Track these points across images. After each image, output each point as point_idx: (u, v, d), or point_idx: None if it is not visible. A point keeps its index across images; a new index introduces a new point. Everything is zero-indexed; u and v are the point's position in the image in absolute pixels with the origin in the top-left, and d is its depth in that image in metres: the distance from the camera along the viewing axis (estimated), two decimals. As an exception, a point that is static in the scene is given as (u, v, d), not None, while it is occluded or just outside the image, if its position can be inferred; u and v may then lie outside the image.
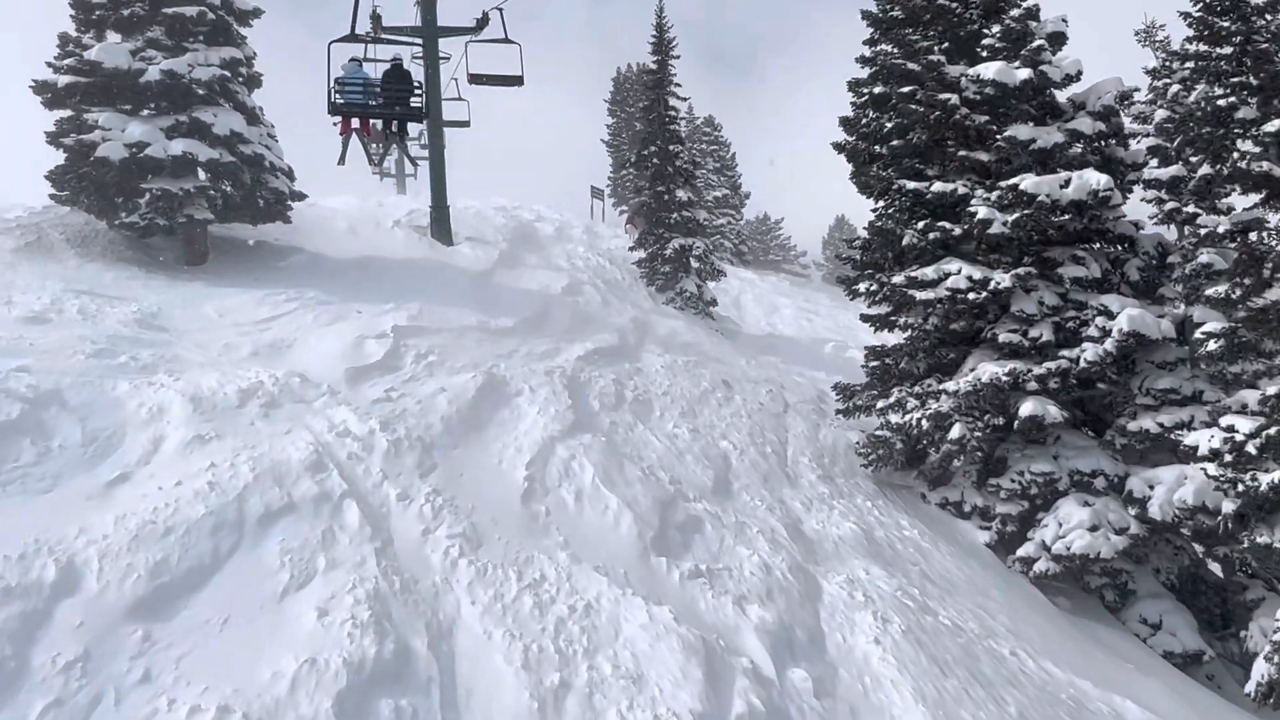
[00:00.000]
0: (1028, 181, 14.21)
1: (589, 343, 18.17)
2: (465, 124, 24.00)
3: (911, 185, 15.56)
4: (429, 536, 8.88)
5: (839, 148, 17.54)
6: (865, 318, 17.08)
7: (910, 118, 15.71)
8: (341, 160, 23.00)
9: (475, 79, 21.23)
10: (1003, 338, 14.48)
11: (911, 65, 16.06)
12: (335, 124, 21.07)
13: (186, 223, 18.60)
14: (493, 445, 11.58)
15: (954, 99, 15.25)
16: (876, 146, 16.88)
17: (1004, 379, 13.85)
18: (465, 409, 12.24)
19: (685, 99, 26.99)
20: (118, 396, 9.76)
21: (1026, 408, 13.62)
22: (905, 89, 15.82)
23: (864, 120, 16.95)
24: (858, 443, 16.58)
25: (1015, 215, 14.23)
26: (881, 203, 16.24)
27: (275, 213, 20.49)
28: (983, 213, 14.35)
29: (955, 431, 14.09)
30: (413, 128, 27.03)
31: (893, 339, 17.10)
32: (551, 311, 20.27)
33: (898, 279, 15.21)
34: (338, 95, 19.38)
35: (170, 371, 11.00)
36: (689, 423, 15.43)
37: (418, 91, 20.33)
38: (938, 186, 15.31)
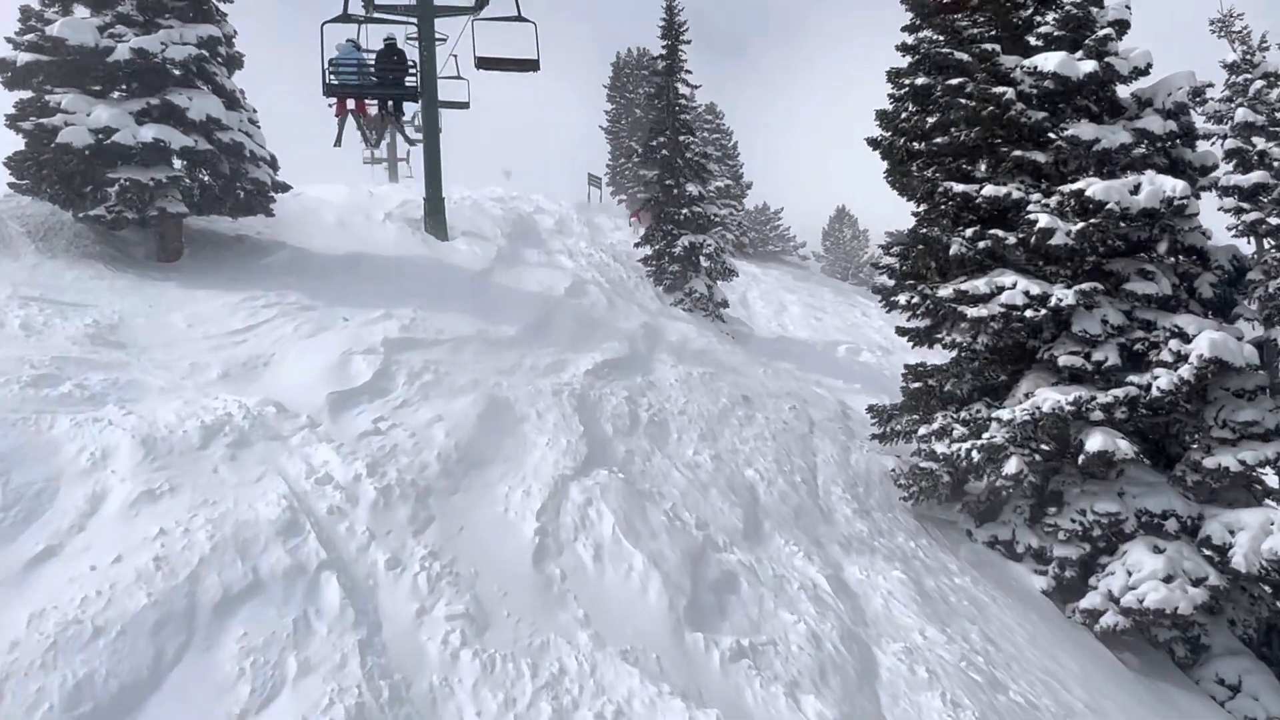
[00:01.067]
0: (1095, 187, 12.71)
1: (597, 353, 16.64)
2: (464, 105, 22.40)
3: (959, 188, 14.07)
4: (424, 618, 7.35)
5: (874, 144, 16.02)
6: (903, 331, 15.59)
7: (959, 113, 14.17)
8: (338, 142, 22.04)
9: (484, 63, 19.33)
10: (1063, 360, 13.01)
11: (960, 55, 14.52)
12: (330, 105, 20.15)
13: (158, 216, 16.99)
14: (497, 487, 10.06)
15: (1009, 93, 13.72)
16: (916, 143, 15.38)
17: (1067, 408, 12.37)
18: (465, 441, 10.71)
19: (696, 86, 25.38)
20: (54, 438, 8.19)
21: (1095, 442, 12.16)
22: (954, 81, 14.28)
23: (903, 114, 15.40)
24: (893, 470, 15.13)
25: (1080, 225, 12.70)
26: (924, 206, 14.73)
27: (257, 205, 18.90)
28: (1044, 221, 12.85)
29: (1011, 466, 12.62)
30: (410, 110, 25.76)
31: (933, 356, 15.61)
32: (555, 316, 18.71)
33: (944, 292, 13.72)
34: (332, 76, 18.20)
35: (123, 402, 9.43)
36: (710, 447, 13.93)
37: (412, 71, 19.09)
38: (989, 190, 13.80)
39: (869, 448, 16.36)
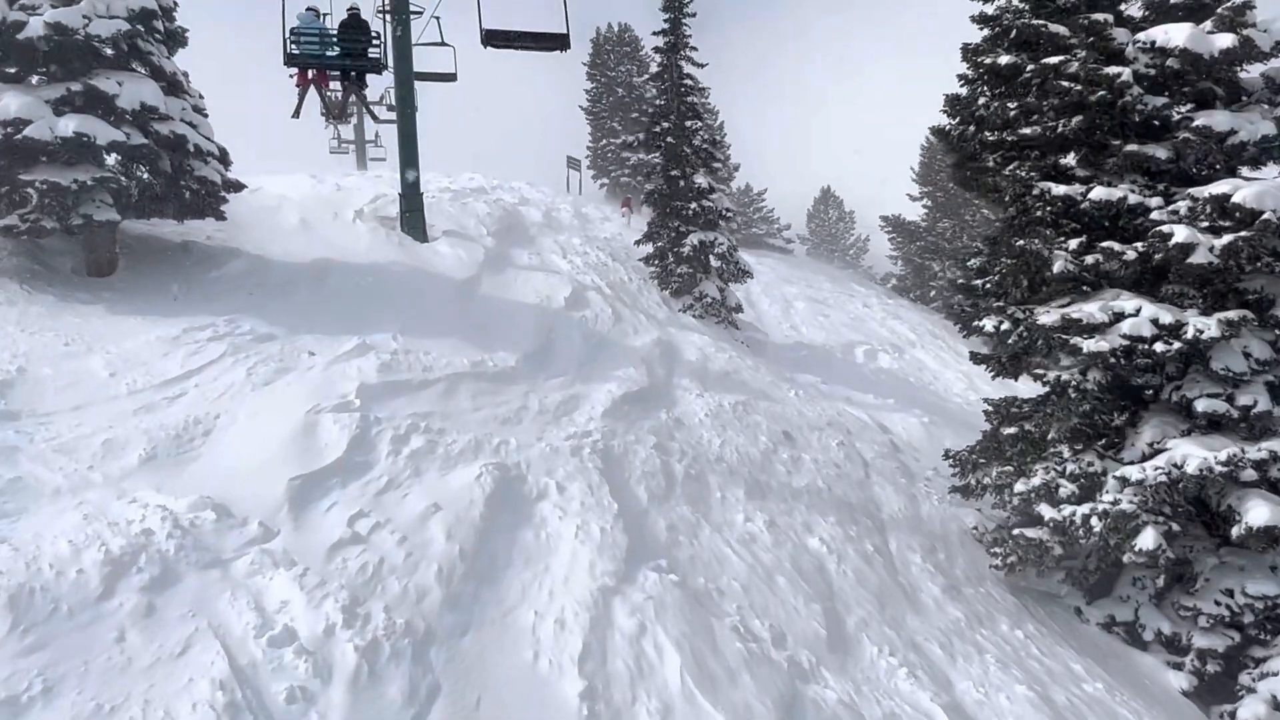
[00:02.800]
0: (1246, 191, 10.25)
1: (611, 383, 14.04)
2: (450, 77, 19.53)
3: (1060, 189, 11.53)
4: None
5: (940, 134, 13.49)
6: (981, 360, 13.08)
7: (1058, 98, 11.63)
8: (296, 114, 19.31)
9: (492, 38, 16.05)
10: (1202, 405, 10.55)
11: (1056, 27, 11.96)
12: (291, 76, 17.89)
13: (84, 225, 14.14)
14: (520, 613, 7.48)
15: (1125, 74, 11.18)
16: (993, 133, 12.84)
17: (1218, 468, 9.93)
18: (472, 543, 8.11)
19: (703, 65, 22.66)
20: None
21: (1260, 514, 9.74)
22: (1052, 59, 11.73)
23: (980, 100, 12.83)
24: (975, 528, 12.69)
25: (1228, 239, 10.22)
26: (1013, 210, 12.20)
27: (205, 207, 16.12)
28: (1181, 234, 10.35)
29: (1147, 540, 10.15)
30: (381, 86, 24.75)
31: (1022, 388, 13.17)
32: (557, 335, 16.07)
33: (1047, 318, 11.19)
34: (293, 46, 16.41)
35: (-6, 521, 6.72)
36: (761, 509, 11.41)
37: (376, 42, 17.09)
38: (1099, 193, 11.31)
39: (937, 494, 13.92)
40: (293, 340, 12.78)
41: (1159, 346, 10.50)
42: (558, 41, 16.38)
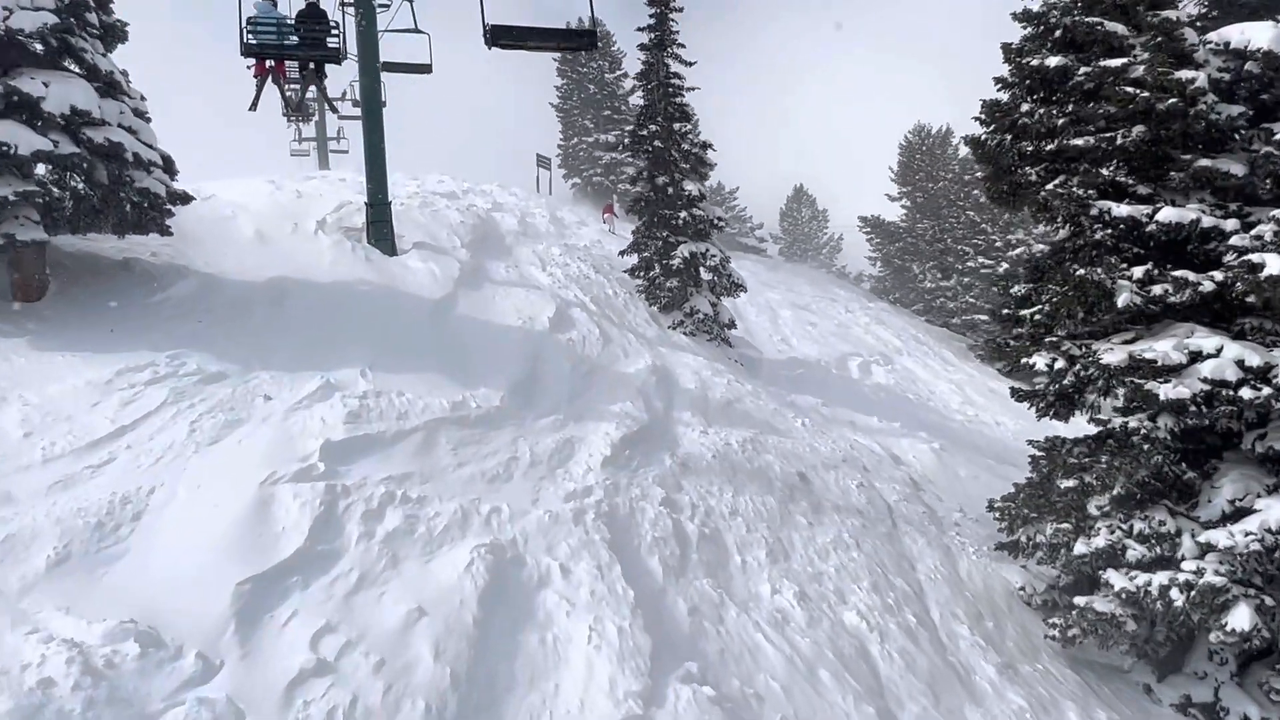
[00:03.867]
0: (1349, 216, 8.88)
1: (607, 422, 12.55)
2: (425, 69, 17.82)
3: (1123, 210, 10.17)
4: None
5: (976, 144, 12.10)
6: (1023, 397, 11.71)
7: (1119, 105, 10.26)
8: (254, 106, 18.08)
9: (499, 36, 14.14)
10: (1294, 459, 9.23)
11: (1114, 26, 10.60)
12: (249, 67, 16.92)
13: (4, 245, 12.40)
14: (530, 762, 5.93)
15: (1200, 79, 9.83)
16: (1033, 143, 11.48)
17: (1323, 536, 8.61)
18: (466, 661, 6.61)
19: (691, 63, 21.14)
20: None
21: (1377, 593, 8.40)
22: (1113, 62, 10.36)
23: (1022, 106, 11.45)
24: (1022, 589, 11.33)
25: (1329, 270, 8.89)
26: (1065, 231, 10.84)
27: (147, 222, 14.40)
28: (1275, 265, 9.00)
29: (1241, 619, 8.80)
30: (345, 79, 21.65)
31: (1064, 428, 11.84)
32: (544, 363, 14.54)
33: (1112, 357, 9.83)
34: (250, 36, 15.32)
35: None
36: (788, 577, 9.99)
37: (335, 32, 16.03)
38: (1169, 214, 9.97)
39: (971, 543, 12.56)
40: (246, 380, 11.16)
41: (1245, 393, 9.17)
42: (582, 40, 15.62)
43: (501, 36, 13.70)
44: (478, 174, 31.33)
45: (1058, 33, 11.24)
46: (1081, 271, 10.11)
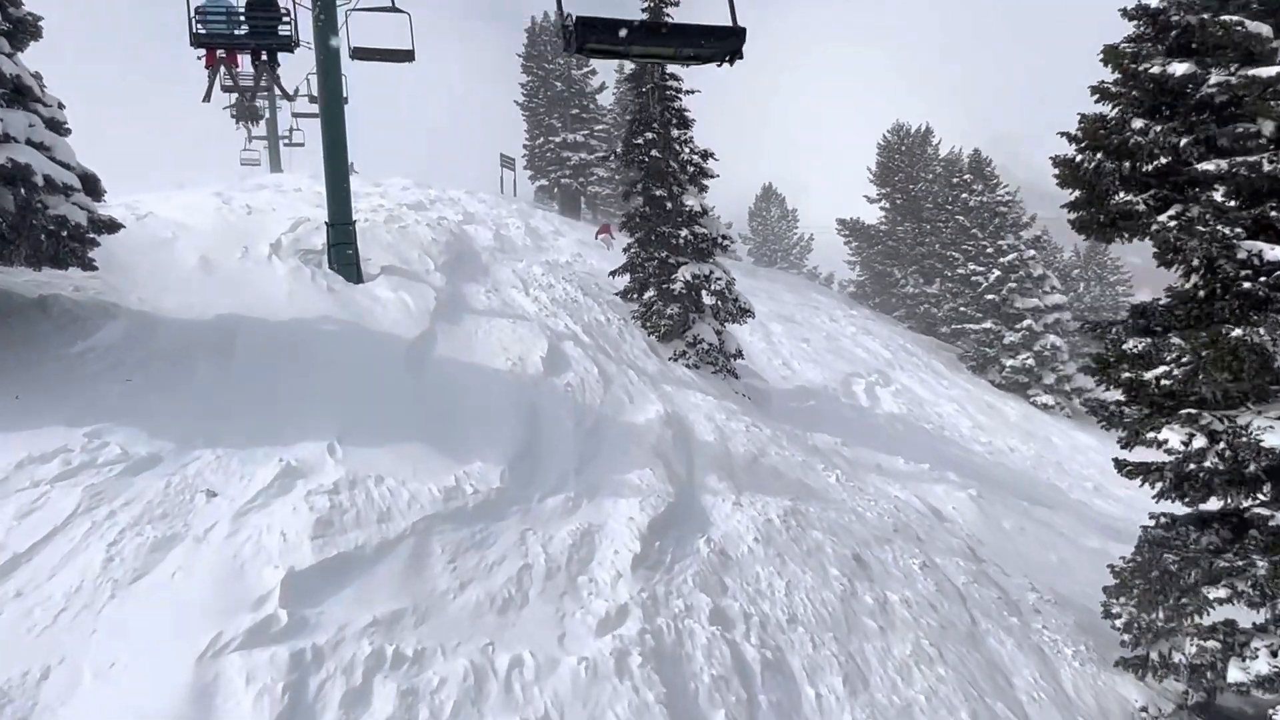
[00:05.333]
0: None
1: (627, 500, 10.48)
2: (406, 56, 15.56)
3: (1277, 252, 8.23)
4: None
5: (1068, 166, 10.13)
6: (1135, 472, 9.74)
7: (1270, 122, 8.34)
8: (207, 97, 17.52)
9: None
10: None
11: (1257, 26, 8.67)
12: (199, 58, 16.19)
13: (-120, 292, 10.01)
14: None
15: (1379, 94, 7.92)
16: (1142, 166, 9.55)
17: None
18: None
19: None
20: None
21: None
22: (1262, 71, 8.42)
23: (1134, 123, 9.49)
24: (1144, 710, 9.41)
25: None
26: (1200, 278, 8.90)
27: (65, 255, 12.09)
28: None
29: None
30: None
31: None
32: (543, 419, 12.39)
33: (1275, 439, 7.89)
34: (199, 26, 14.62)
35: None
36: (873, 713, 7.95)
37: (285, 20, 15.07)
38: (1339, 261, 8.02)
39: (1067, 643, 10.62)
40: (184, 464, 8.92)
41: None
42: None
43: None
44: (438, 173, 29.22)
45: (1173, 33, 9.30)
46: (1238, 332, 8.15)
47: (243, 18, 15.01)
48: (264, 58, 16.16)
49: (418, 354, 13.62)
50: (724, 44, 6.92)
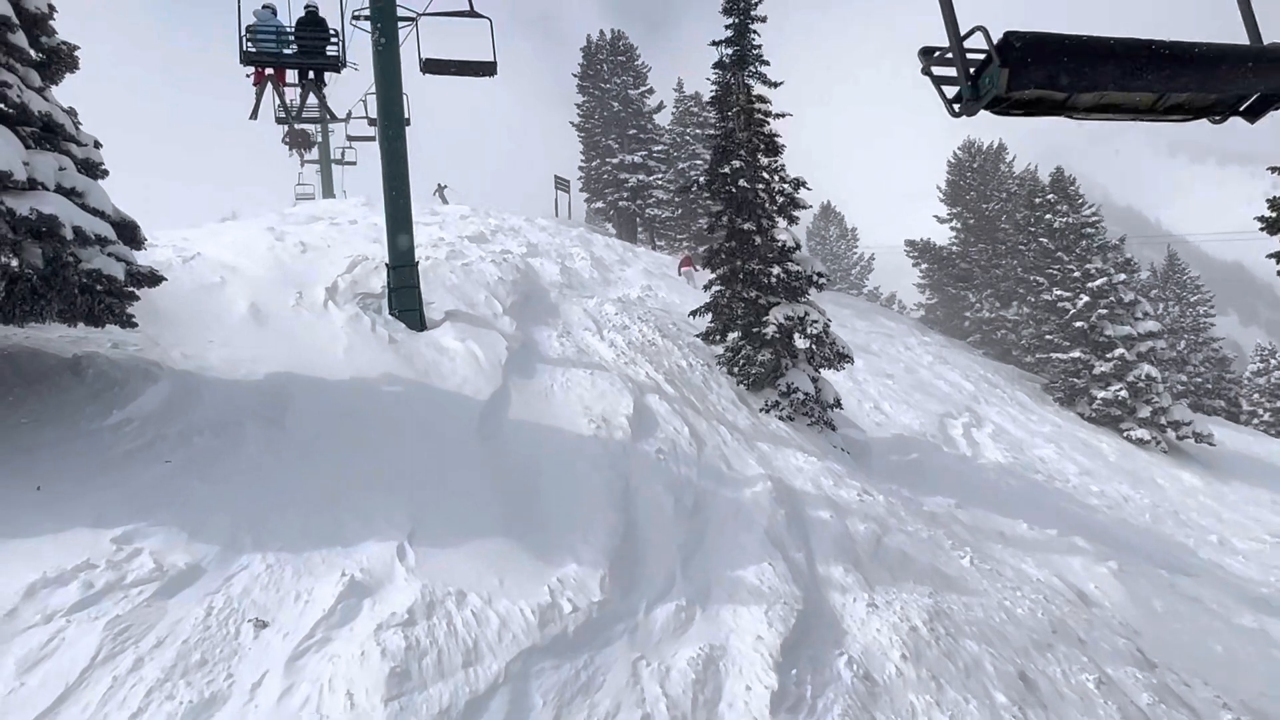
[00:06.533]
0: None
1: (747, 607, 8.81)
2: (488, 69, 14.30)
3: None
4: None
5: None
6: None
7: None
8: (254, 115, 17.46)
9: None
10: None
11: None
12: (248, 76, 16.41)
13: (-114, 366, 8.66)
14: None
15: None
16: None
17: None
18: None
19: (777, 83, 17.35)
20: None
21: None
22: None
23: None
24: None
25: None
26: None
27: (102, 313, 10.74)
28: None
29: None
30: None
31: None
32: (637, 499, 10.77)
33: None
34: (249, 44, 14.26)
35: None
36: None
37: (334, 40, 14.66)
38: None
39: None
40: (228, 580, 7.42)
41: None
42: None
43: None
44: (492, 194, 27.81)
45: None
46: None
47: (292, 37, 14.67)
48: (310, 77, 15.65)
49: (491, 418, 12.08)
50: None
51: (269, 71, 16.37)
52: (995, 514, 15.64)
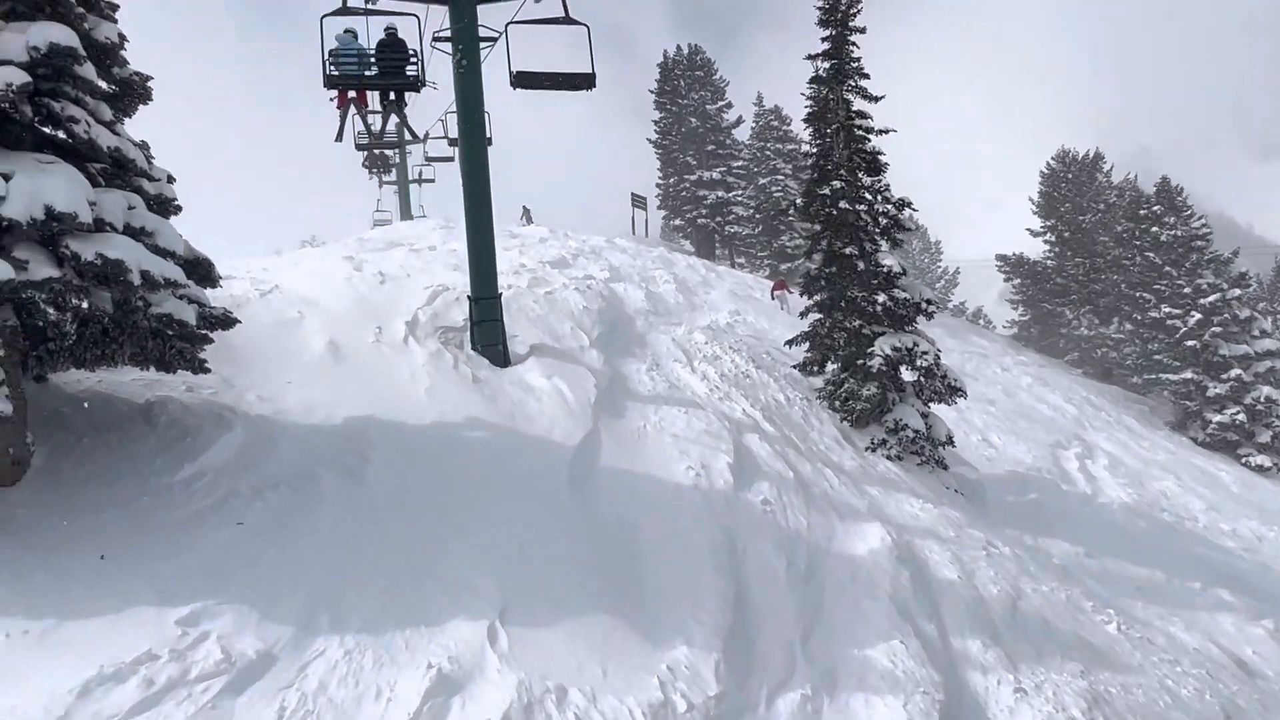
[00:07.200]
0: None
1: (884, 696, 7.81)
2: (586, 81, 13.36)
3: None
4: None
5: None
6: None
7: None
8: (339, 137, 17.56)
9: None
10: None
11: None
12: (332, 99, 16.17)
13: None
14: None
15: None
16: None
17: None
18: None
19: (879, 98, 16.22)
20: None
21: None
22: None
23: None
24: None
25: None
26: None
27: (173, 358, 10.20)
28: None
29: None
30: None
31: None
32: (746, 564, 9.77)
33: None
34: (332, 67, 14.07)
35: None
36: None
37: (413, 60, 14.21)
38: None
39: None
40: (303, 672, 6.66)
41: None
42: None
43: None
44: (567, 213, 27.08)
45: None
46: None
47: (373, 59, 14.47)
48: (391, 97, 15.46)
49: (583, 465, 11.19)
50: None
51: (352, 94, 16.24)
52: (1128, 563, 14.26)
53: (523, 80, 13.12)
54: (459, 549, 8.62)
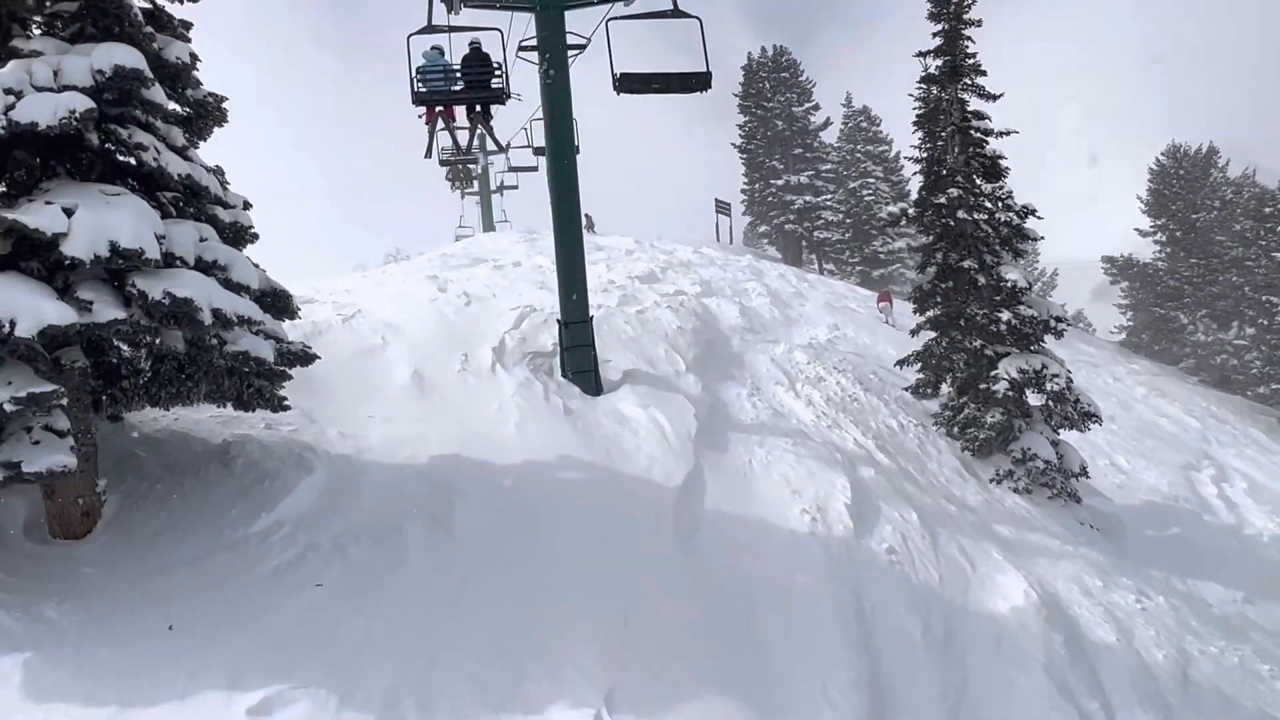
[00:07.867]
0: None
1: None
2: (702, 82, 12.17)
3: None
4: None
5: None
6: None
7: None
8: (428, 153, 17.35)
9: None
10: None
11: None
12: (420, 115, 16.00)
13: (6, 479, 7.45)
14: None
15: None
16: None
17: None
18: None
19: (996, 96, 14.87)
20: None
21: None
22: None
23: None
24: None
25: None
26: None
27: (252, 395, 9.52)
28: None
29: None
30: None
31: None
32: (878, 629, 8.64)
33: None
34: (420, 84, 13.61)
35: None
36: None
37: (497, 73, 13.74)
38: None
39: None
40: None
41: None
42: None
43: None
44: (646, 221, 26.09)
45: None
46: None
47: (458, 74, 14.14)
48: (477, 110, 15.24)
49: (687, 514, 10.20)
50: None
51: (439, 109, 16.01)
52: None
53: (628, 83, 11.97)
54: (558, 617, 7.71)
